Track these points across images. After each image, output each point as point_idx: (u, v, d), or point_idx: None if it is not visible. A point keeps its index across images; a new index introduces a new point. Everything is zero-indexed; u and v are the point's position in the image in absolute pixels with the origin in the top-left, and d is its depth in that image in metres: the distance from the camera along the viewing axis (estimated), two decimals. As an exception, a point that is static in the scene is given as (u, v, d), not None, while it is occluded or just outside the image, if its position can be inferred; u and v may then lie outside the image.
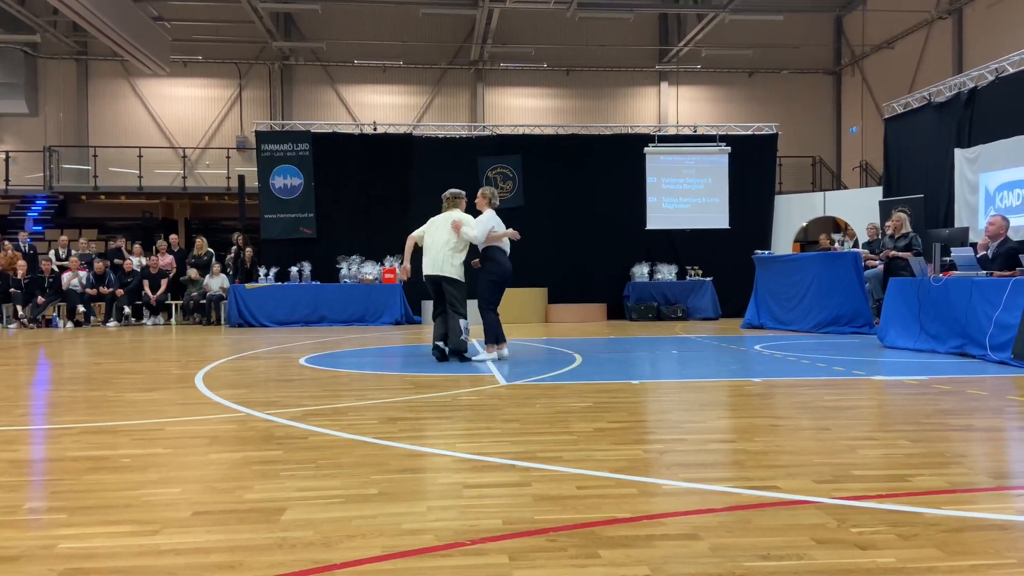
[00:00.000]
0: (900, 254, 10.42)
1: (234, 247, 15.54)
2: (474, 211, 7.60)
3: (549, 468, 3.16)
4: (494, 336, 7.37)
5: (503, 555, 2.18)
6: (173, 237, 16.19)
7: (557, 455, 3.39)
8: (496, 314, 7.41)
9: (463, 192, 7.63)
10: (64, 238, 16.17)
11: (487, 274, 7.39)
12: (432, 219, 7.50)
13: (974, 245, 8.65)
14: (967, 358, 7.02)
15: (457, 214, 7.37)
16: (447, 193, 7.58)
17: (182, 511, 2.63)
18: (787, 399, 4.88)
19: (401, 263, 8.18)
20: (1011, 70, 11.76)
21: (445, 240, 7.27)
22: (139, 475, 3.12)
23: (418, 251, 7.56)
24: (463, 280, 7.33)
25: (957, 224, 12.20)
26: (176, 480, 3.04)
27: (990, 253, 8.07)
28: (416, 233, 7.55)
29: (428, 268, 7.32)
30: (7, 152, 20.17)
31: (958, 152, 12.49)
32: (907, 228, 10.74)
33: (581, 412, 4.45)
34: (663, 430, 3.94)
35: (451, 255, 7.25)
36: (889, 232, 10.97)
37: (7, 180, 20.02)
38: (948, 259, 8.04)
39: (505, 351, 7.47)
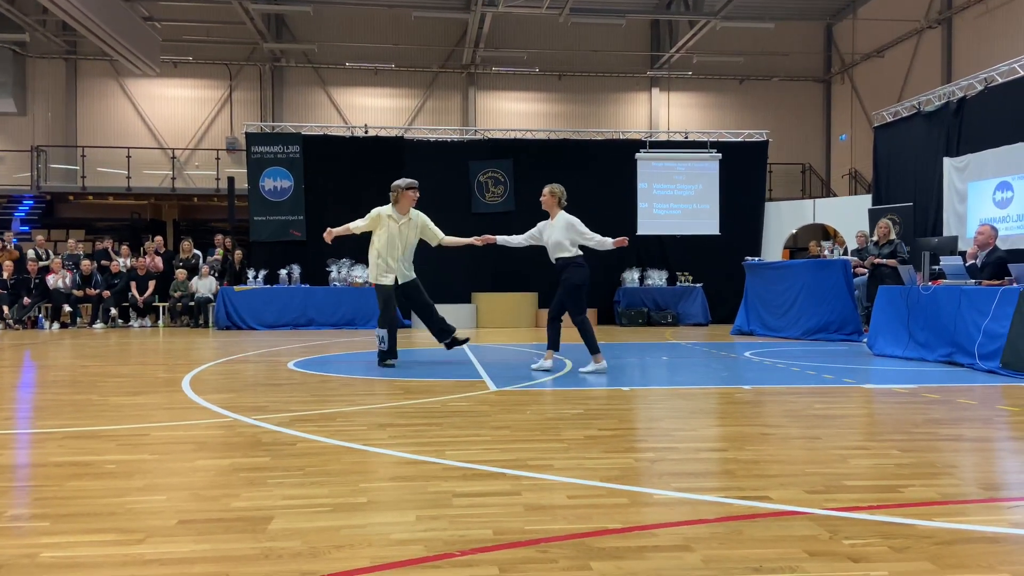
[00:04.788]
0: (884, 261, 10.48)
1: (219, 249, 15.45)
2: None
3: (539, 477, 3.14)
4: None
5: (493, 567, 2.15)
6: (158, 239, 16.07)
7: (548, 463, 3.36)
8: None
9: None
10: (40, 238, 15.95)
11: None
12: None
13: (963, 254, 8.69)
14: (956, 367, 7.05)
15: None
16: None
17: (168, 519, 2.59)
18: (777, 407, 4.88)
19: None
20: (1000, 80, 11.83)
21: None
22: (124, 482, 3.08)
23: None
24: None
25: (946, 233, 12.26)
26: (162, 487, 3.00)
27: (979, 262, 8.10)
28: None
29: None
30: (-6, 151, 20.01)
31: (947, 161, 12.55)
32: (892, 235, 10.79)
33: (572, 419, 4.43)
34: (654, 438, 3.93)
35: None
36: (874, 239, 11.03)
37: (-6, 179, 19.87)
38: (937, 268, 8.07)
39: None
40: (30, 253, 15.04)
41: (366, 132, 15.95)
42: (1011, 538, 2.40)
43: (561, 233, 6.73)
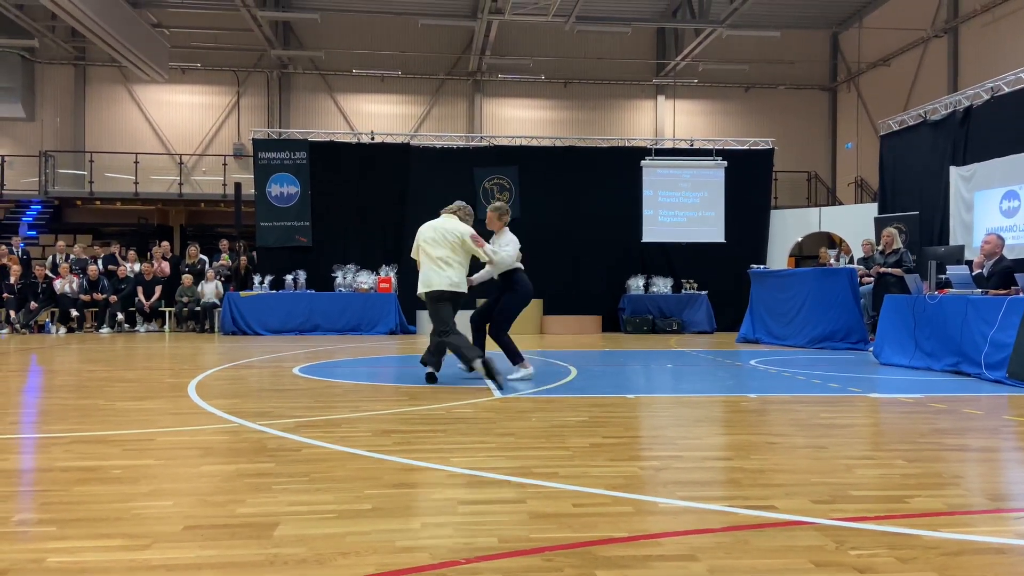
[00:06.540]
0: (890, 270, 10.46)
1: (224, 254, 15.50)
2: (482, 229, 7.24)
3: (545, 484, 3.13)
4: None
5: (498, 575, 2.15)
6: (165, 244, 16.13)
7: (553, 471, 3.36)
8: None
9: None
10: (61, 244, 16.08)
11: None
12: None
13: (970, 263, 8.67)
14: (962, 376, 7.02)
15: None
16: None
17: (174, 525, 2.59)
18: (783, 416, 4.87)
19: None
20: (1006, 89, 11.82)
21: None
22: (130, 487, 3.08)
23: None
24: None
25: (952, 242, 12.23)
26: (168, 493, 3.01)
27: (986, 271, 8.08)
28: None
29: None
30: (3, 156, 20.10)
31: (953, 170, 12.53)
32: (898, 244, 10.76)
33: (576, 427, 4.43)
34: (659, 446, 3.92)
35: None
36: (880, 248, 11.00)
37: (2, 184, 19.94)
38: (944, 277, 8.05)
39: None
40: (49, 260, 15.10)
41: (372, 139, 16.01)
42: (1017, 549, 2.39)
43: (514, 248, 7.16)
